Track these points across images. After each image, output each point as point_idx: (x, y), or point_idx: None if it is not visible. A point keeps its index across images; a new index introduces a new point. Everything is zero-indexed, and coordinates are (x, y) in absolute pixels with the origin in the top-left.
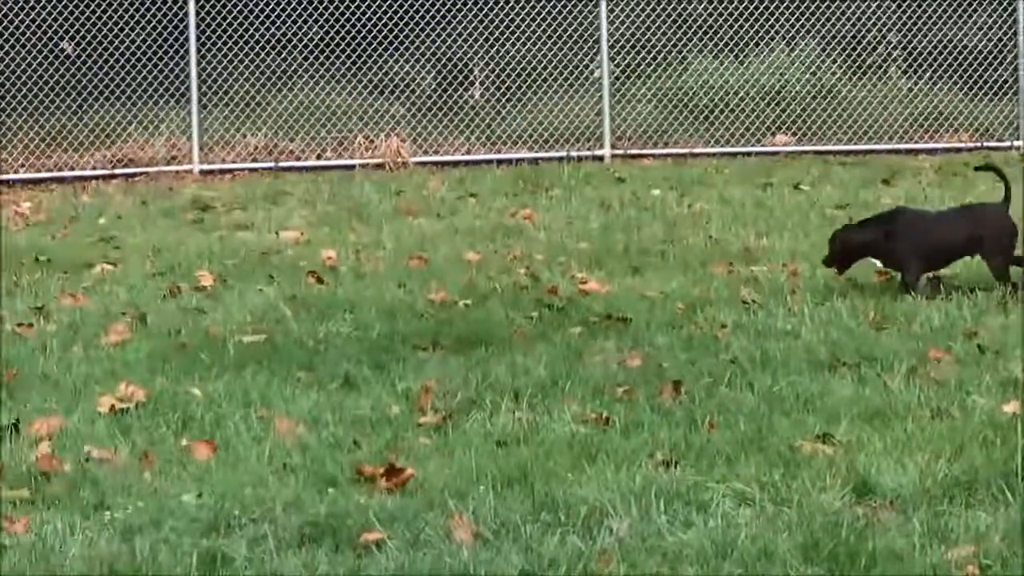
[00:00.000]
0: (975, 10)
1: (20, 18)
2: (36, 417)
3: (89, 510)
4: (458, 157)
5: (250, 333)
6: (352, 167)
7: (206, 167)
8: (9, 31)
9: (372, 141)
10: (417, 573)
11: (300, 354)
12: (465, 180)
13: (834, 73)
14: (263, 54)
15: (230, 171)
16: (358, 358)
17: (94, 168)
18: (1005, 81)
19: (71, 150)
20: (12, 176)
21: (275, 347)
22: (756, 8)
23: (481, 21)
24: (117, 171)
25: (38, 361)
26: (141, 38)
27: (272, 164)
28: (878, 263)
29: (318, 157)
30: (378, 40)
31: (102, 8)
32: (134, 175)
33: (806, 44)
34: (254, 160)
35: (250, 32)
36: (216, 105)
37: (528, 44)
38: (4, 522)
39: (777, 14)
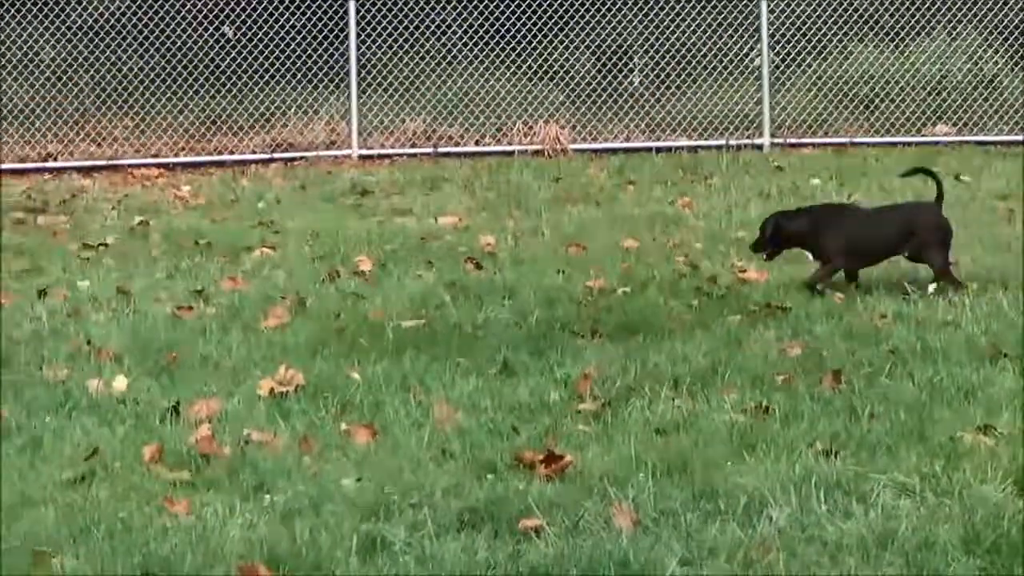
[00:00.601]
0: None
1: (182, 2)
2: (196, 399)
3: (249, 493)
4: (617, 144)
5: (409, 318)
6: (511, 153)
7: (365, 152)
8: (171, 15)
9: (531, 127)
10: (577, 560)
11: (459, 339)
12: (624, 167)
13: (996, 63)
14: (422, 39)
15: (389, 156)
16: (517, 344)
17: (253, 152)
18: None
19: (231, 134)
20: (173, 159)
21: (434, 332)
22: None
23: (641, 8)
24: (276, 155)
25: (198, 344)
26: (301, 23)
27: (431, 150)
28: (809, 255)
29: (477, 143)
30: (538, 26)
31: None
32: (293, 159)
33: (967, 33)
34: (413, 145)
35: (410, 17)
36: (375, 90)
37: (688, 32)
38: (165, 503)
39: (939, 2)
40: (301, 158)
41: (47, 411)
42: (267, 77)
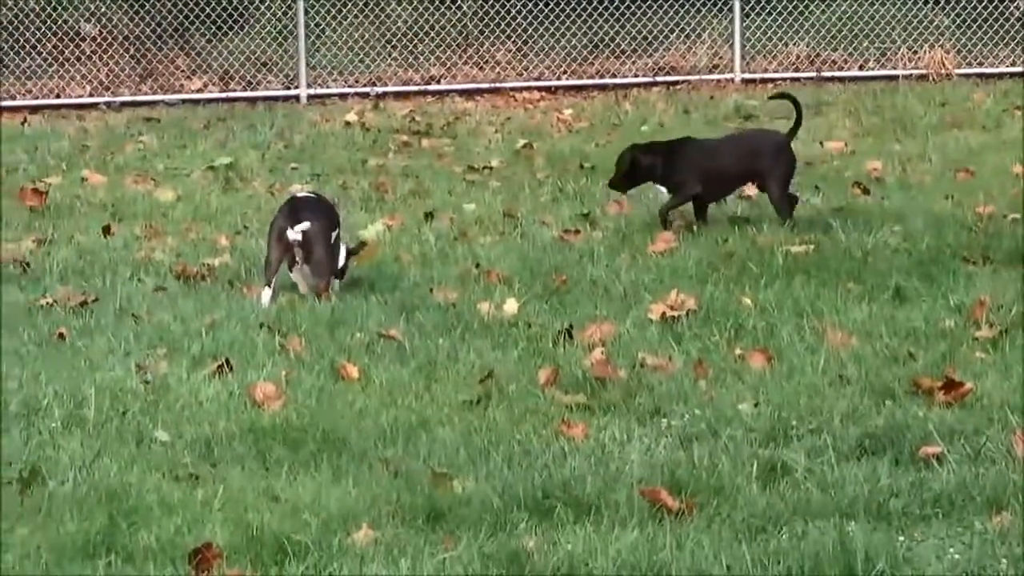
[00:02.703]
0: None
1: None
2: (588, 323)
3: (645, 417)
4: (1003, 69)
5: (797, 244)
6: (894, 78)
7: (748, 76)
8: None
9: (915, 52)
10: (980, 488)
11: (848, 265)
12: (1010, 93)
13: None
14: None
15: (771, 81)
16: (907, 270)
17: (636, 76)
18: None
19: (612, 58)
20: (555, 83)
21: (823, 258)
22: None
23: None
24: (659, 79)
25: (586, 268)
26: None
27: (814, 74)
28: (663, 189)
29: (860, 68)
30: None
31: None
32: (675, 83)
33: None
34: (796, 70)
35: None
36: (759, 14)
37: None
38: (562, 427)
39: None
40: (683, 82)
41: (439, 333)
42: (650, 0)
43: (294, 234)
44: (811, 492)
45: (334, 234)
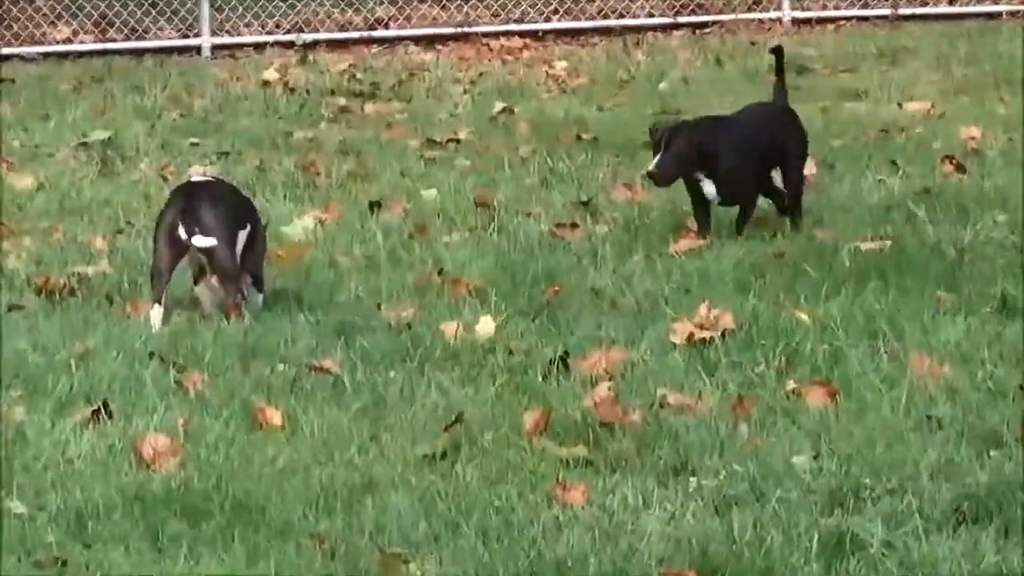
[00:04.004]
0: None
1: None
2: (590, 348)
3: (667, 475)
4: None
5: (869, 238)
6: (996, 15)
7: (800, 14)
8: None
9: None
10: None
11: (938, 267)
12: None
13: None
14: None
15: (832, 20)
16: (1016, 273)
17: (651, 15)
18: None
19: None
20: (542, 25)
21: (904, 257)
22: None
23: None
24: (681, 19)
25: (587, 273)
26: None
27: (888, 11)
28: (711, 186)
29: (951, 2)
30: None
31: None
32: (703, 25)
33: None
34: (864, 5)
35: None
36: None
37: None
38: (556, 489)
39: None
40: (715, 23)
41: (390, 364)
42: None
43: (194, 238)
44: (891, 573)
45: (244, 232)
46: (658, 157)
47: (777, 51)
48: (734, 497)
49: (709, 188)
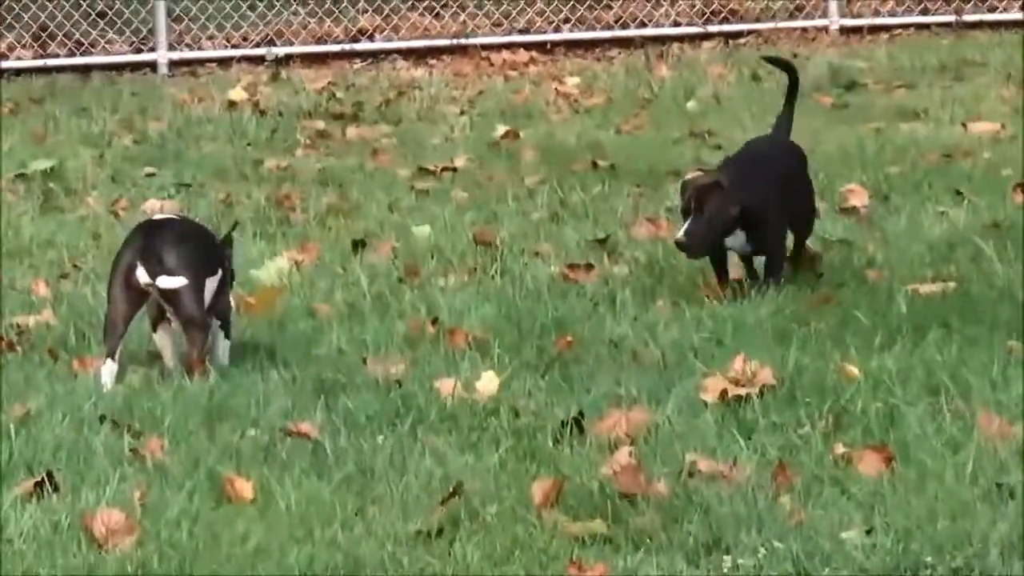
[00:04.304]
0: None
1: None
2: (608, 408)
3: (698, 553)
4: None
5: (930, 279)
6: None
7: (849, 22)
8: None
9: None
10: None
11: (1008, 313)
12: None
13: None
14: None
15: (885, 28)
16: None
17: (676, 23)
18: None
19: None
20: (551, 36)
21: (969, 302)
22: None
23: None
24: (711, 28)
25: (604, 323)
26: None
27: (951, 18)
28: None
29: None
30: None
31: None
32: (738, 35)
33: None
34: (923, 11)
35: None
36: None
37: None
38: (571, 570)
39: None
40: (750, 32)
41: (377, 427)
42: None
43: (159, 279)
44: None
45: (215, 279)
46: (689, 222)
47: (787, 68)
48: None
49: (738, 238)
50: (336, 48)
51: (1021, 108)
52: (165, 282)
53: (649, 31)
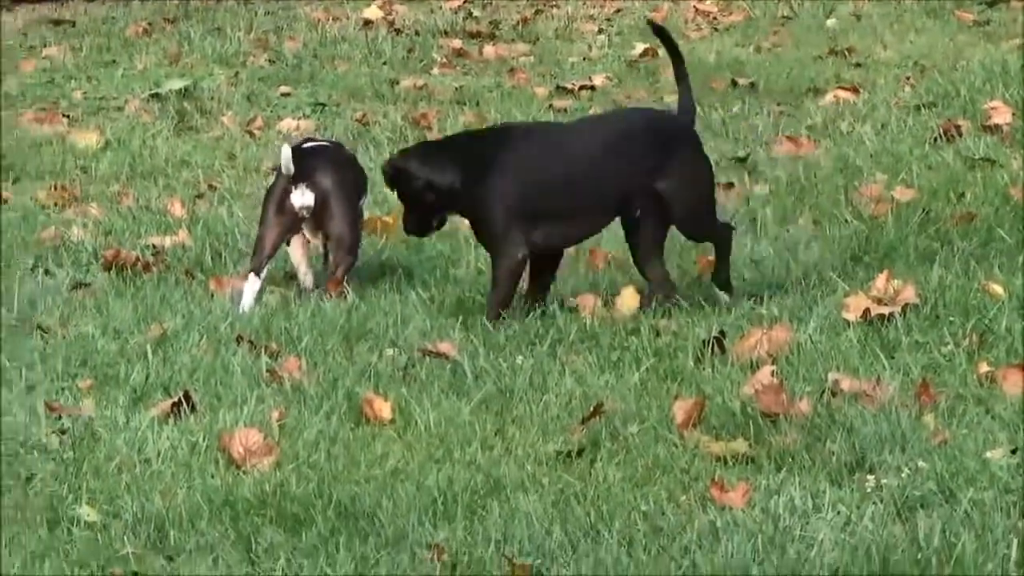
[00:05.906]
0: None
1: None
2: (749, 328)
3: (841, 472)
4: None
5: None
6: None
7: None
8: None
9: None
10: None
11: None
12: None
13: None
14: None
15: None
16: None
17: None
18: None
19: None
20: None
21: None
22: None
23: None
24: None
25: (744, 242)
26: None
27: None
28: None
29: None
30: None
31: None
32: None
33: None
34: None
35: None
36: None
37: None
38: (713, 490)
39: None
40: None
41: (517, 347)
42: None
43: (303, 198)
44: None
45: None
46: None
47: (666, 39)
48: (919, 498)
49: None
50: None
51: None
52: (317, 204)
53: None
